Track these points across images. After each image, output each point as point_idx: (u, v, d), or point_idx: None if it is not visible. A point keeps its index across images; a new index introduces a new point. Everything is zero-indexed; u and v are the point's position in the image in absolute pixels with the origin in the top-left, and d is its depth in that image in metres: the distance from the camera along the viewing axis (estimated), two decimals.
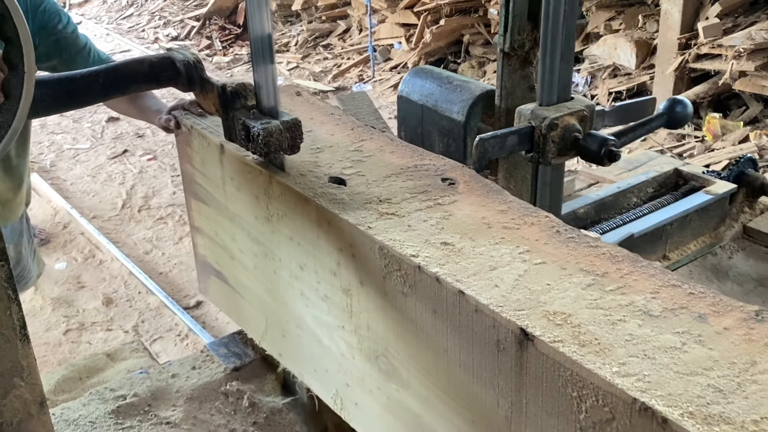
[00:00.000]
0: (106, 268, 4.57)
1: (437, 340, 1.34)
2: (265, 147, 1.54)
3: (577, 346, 1.10)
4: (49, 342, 3.90)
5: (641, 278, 1.25)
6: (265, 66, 1.56)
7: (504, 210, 1.49)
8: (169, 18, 9.97)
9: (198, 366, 2.16)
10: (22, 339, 1.19)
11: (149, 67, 1.64)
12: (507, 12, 1.74)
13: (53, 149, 6.48)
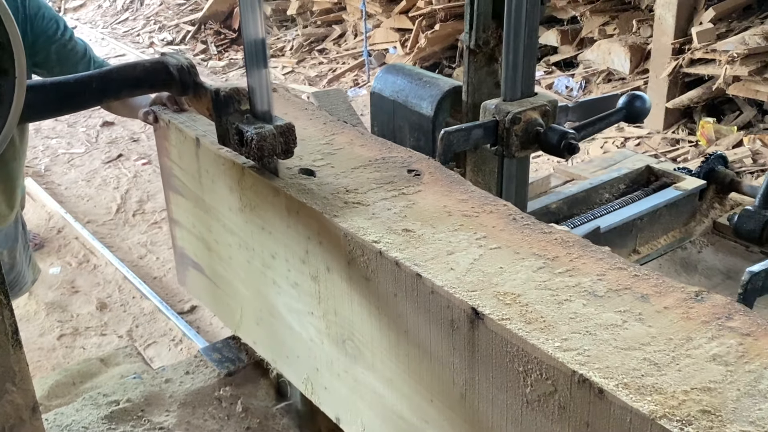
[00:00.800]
0: (101, 273, 4.57)
1: (398, 322, 1.39)
2: (258, 151, 1.53)
3: (523, 323, 1.16)
4: (42, 347, 3.90)
5: (589, 262, 1.31)
6: (258, 70, 1.56)
7: (465, 199, 1.55)
8: (164, 22, 9.98)
9: (191, 371, 2.17)
10: (15, 344, 1.19)
11: (143, 71, 1.64)
12: (472, 10, 1.81)
13: (48, 153, 6.48)
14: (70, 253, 4.80)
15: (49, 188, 5.75)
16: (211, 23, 9.59)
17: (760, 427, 0.95)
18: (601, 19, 6.63)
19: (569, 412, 1.09)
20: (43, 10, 2.65)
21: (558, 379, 1.09)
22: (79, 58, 2.65)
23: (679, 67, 5.70)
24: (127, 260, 4.62)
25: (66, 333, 4.02)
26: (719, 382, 1.03)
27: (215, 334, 3.85)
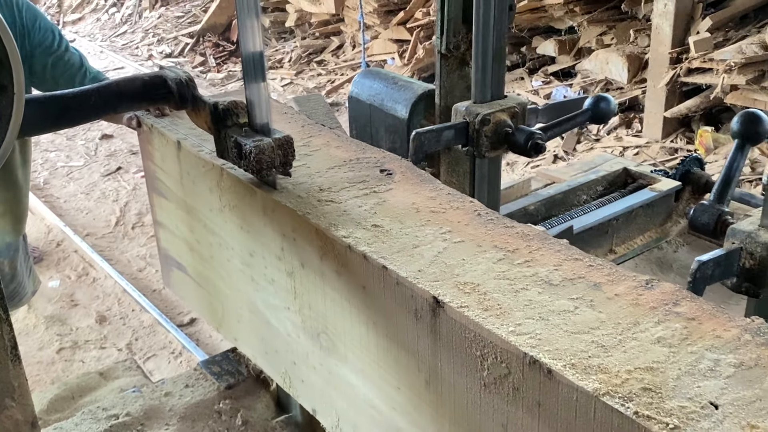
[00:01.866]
0: (100, 286, 4.56)
1: (367, 314, 1.45)
2: (257, 164, 1.53)
3: (481, 310, 1.22)
4: (42, 361, 3.90)
5: (547, 253, 1.37)
6: (257, 83, 1.56)
7: (433, 196, 1.61)
8: (163, 35, 10.03)
9: (191, 384, 2.18)
10: (14, 359, 1.19)
11: (141, 85, 1.64)
12: (443, 15, 1.88)
13: (47, 167, 6.49)
14: (70, 266, 4.80)
15: (48, 201, 5.76)
16: (210, 35, 9.64)
17: (697, 403, 1.01)
18: (598, 29, 6.66)
19: (522, 392, 1.15)
20: (40, 20, 2.70)
21: (511, 362, 1.15)
22: (75, 70, 2.69)
23: (677, 76, 5.72)
24: (126, 273, 4.62)
25: (65, 346, 4.02)
26: (662, 362, 1.09)
27: (215, 346, 3.85)
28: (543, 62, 7.12)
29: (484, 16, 1.77)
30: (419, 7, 7.48)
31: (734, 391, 1.03)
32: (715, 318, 1.18)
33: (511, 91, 6.65)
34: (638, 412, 1.00)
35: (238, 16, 1.51)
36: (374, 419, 1.55)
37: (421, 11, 7.44)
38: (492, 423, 1.23)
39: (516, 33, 6.92)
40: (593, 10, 6.73)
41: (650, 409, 1.00)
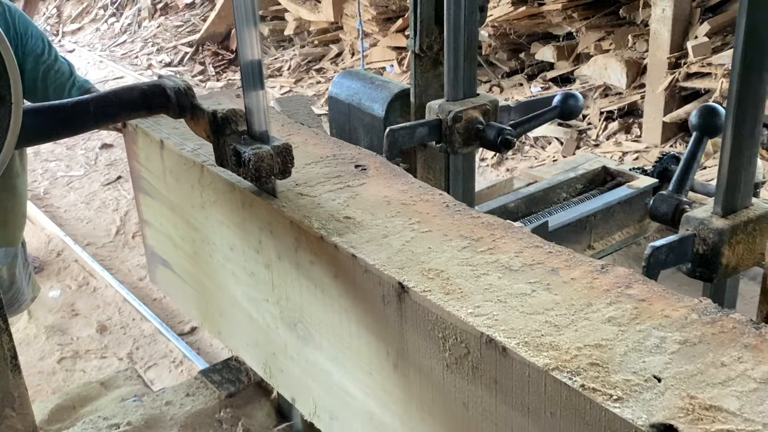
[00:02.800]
0: (100, 296, 4.57)
1: (339, 302, 1.51)
2: (256, 172, 1.53)
3: (442, 294, 1.28)
4: (43, 371, 3.90)
5: (510, 241, 1.43)
6: (255, 91, 1.56)
7: (405, 190, 1.67)
8: (162, 44, 10.06)
9: (192, 393, 2.18)
10: (14, 369, 1.19)
11: (140, 94, 1.64)
12: (416, 17, 1.94)
13: (47, 177, 6.49)
14: (70, 276, 4.80)
15: (48, 211, 5.75)
16: (209, 44, 9.66)
17: (641, 376, 1.07)
18: (596, 35, 6.68)
19: (480, 371, 1.21)
20: (31, 28, 2.75)
21: (470, 342, 1.21)
22: (65, 79, 2.73)
23: (676, 81, 5.74)
24: (126, 282, 4.62)
25: (66, 356, 4.02)
26: (611, 340, 1.15)
27: (216, 355, 3.86)
28: (542, 68, 7.15)
29: (454, 17, 1.84)
30: None
31: (677, 366, 1.09)
32: (664, 299, 1.24)
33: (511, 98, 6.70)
34: (584, 385, 1.06)
35: (236, 25, 1.52)
36: (349, 405, 1.60)
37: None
38: (454, 402, 1.29)
39: (514, 39, 6.97)
40: (591, 16, 6.75)
41: (596, 383, 1.06)
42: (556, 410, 1.10)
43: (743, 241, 1.46)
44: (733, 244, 1.45)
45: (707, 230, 1.45)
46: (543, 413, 1.12)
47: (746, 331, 1.15)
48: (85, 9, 11.54)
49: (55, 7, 11.60)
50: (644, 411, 1.01)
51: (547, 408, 1.11)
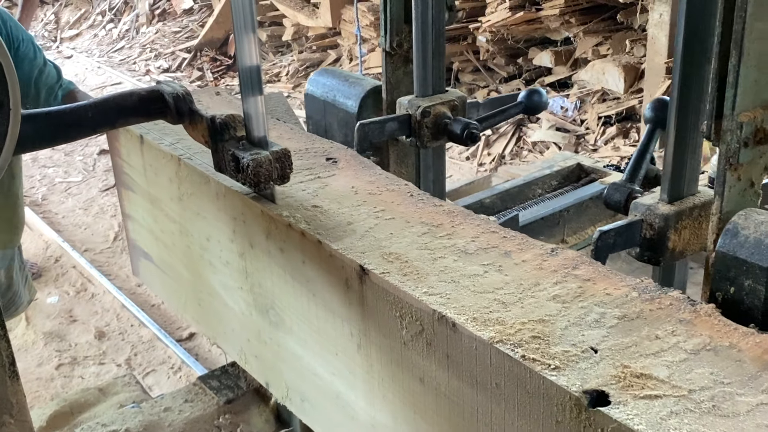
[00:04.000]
0: (99, 302, 4.55)
1: (307, 287, 1.58)
2: (254, 177, 1.54)
3: (400, 276, 1.35)
4: (41, 377, 3.89)
5: (468, 227, 1.51)
6: (254, 97, 1.57)
7: (372, 181, 1.74)
8: (160, 50, 10.05)
9: (191, 399, 2.19)
10: (11, 376, 1.19)
11: (138, 100, 1.64)
12: (386, 16, 2.02)
13: (45, 183, 6.45)
14: (68, 282, 4.78)
15: (46, 217, 5.72)
16: (207, 50, 9.64)
17: (579, 348, 1.14)
18: (594, 40, 6.67)
19: (434, 346, 1.28)
20: (22, 33, 2.79)
21: (424, 319, 1.28)
22: (54, 81, 2.77)
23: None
24: (125, 288, 4.60)
25: (64, 362, 4.01)
26: (554, 315, 1.22)
27: (214, 361, 3.84)
28: (539, 73, 7.13)
29: (422, 16, 1.92)
30: None
31: (614, 339, 1.16)
32: (608, 279, 1.31)
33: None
34: (525, 355, 1.13)
35: (235, 30, 1.52)
36: (318, 386, 1.67)
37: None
38: (411, 378, 1.36)
39: (512, 44, 6.99)
40: (589, 21, 6.74)
41: (536, 354, 1.13)
42: (501, 380, 1.17)
43: (689, 226, 1.54)
44: (678, 229, 1.52)
45: (654, 216, 1.52)
46: (489, 384, 1.19)
47: (682, 308, 1.23)
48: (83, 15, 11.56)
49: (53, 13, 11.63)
50: (579, 378, 1.08)
51: (493, 379, 1.18)
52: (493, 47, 7.02)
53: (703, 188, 1.57)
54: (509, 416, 1.17)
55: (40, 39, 10.85)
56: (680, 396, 1.04)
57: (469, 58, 7.37)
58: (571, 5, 6.70)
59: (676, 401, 1.03)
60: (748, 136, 1.31)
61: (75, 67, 9.82)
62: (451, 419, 1.29)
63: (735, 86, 1.28)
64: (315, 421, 1.76)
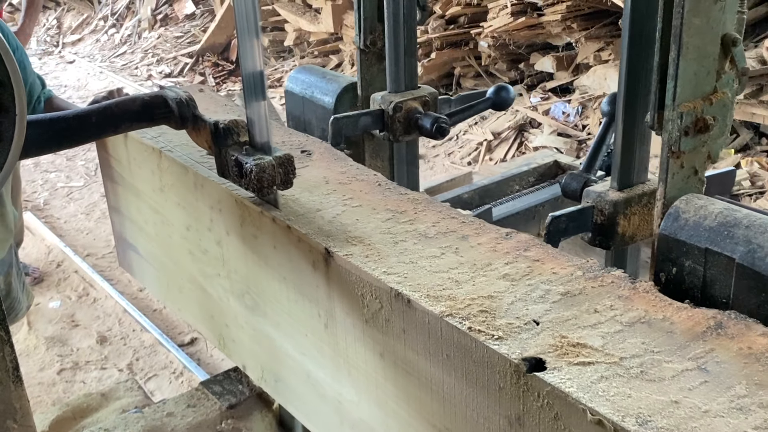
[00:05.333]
0: (100, 306, 4.55)
1: (279, 271, 1.66)
2: (258, 183, 1.54)
3: (362, 257, 1.43)
4: (43, 382, 3.89)
5: (430, 213, 1.59)
6: (257, 102, 1.57)
7: (343, 171, 1.83)
8: (162, 55, 10.05)
9: (193, 404, 2.19)
10: (15, 381, 1.19)
11: (142, 105, 1.64)
12: (359, 15, 2.10)
13: (47, 188, 6.44)
14: (70, 287, 4.78)
15: (48, 222, 5.71)
16: (209, 55, 9.64)
17: (523, 321, 1.22)
18: (596, 45, 6.66)
19: (393, 323, 1.36)
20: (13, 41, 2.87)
21: (382, 297, 1.36)
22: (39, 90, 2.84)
23: None
24: (126, 293, 4.61)
25: (66, 367, 4.00)
26: (502, 292, 1.30)
27: (216, 366, 3.85)
28: (541, 78, 7.11)
29: (394, 15, 2.00)
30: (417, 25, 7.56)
31: (556, 312, 1.24)
32: (556, 259, 1.40)
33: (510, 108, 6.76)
34: (471, 327, 1.21)
35: (238, 35, 1.53)
36: (290, 367, 1.75)
37: (419, 29, 7.47)
38: (372, 354, 1.44)
39: (514, 50, 7.00)
40: (590, 27, 6.68)
41: (482, 326, 1.21)
42: (450, 351, 1.25)
43: (638, 212, 1.62)
44: (628, 215, 1.61)
45: (604, 202, 1.60)
46: (441, 355, 1.27)
47: (623, 285, 1.31)
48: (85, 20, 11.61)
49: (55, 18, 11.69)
50: (519, 347, 1.16)
51: (444, 350, 1.26)
52: (494, 52, 7.01)
53: (654, 177, 1.65)
54: (458, 385, 1.25)
55: (43, 44, 10.89)
56: (611, 363, 1.12)
57: (470, 63, 7.36)
58: (572, 11, 6.70)
59: (607, 367, 1.11)
60: (688, 125, 1.39)
61: (77, 72, 9.83)
62: (408, 390, 1.37)
63: (675, 78, 1.36)
64: (288, 400, 1.84)
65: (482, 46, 7.02)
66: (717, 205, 1.38)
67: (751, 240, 1.30)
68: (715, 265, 1.33)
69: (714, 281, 1.34)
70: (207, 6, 10.52)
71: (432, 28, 7.22)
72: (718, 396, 1.05)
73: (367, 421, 1.53)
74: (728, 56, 1.45)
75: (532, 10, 6.70)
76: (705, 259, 1.34)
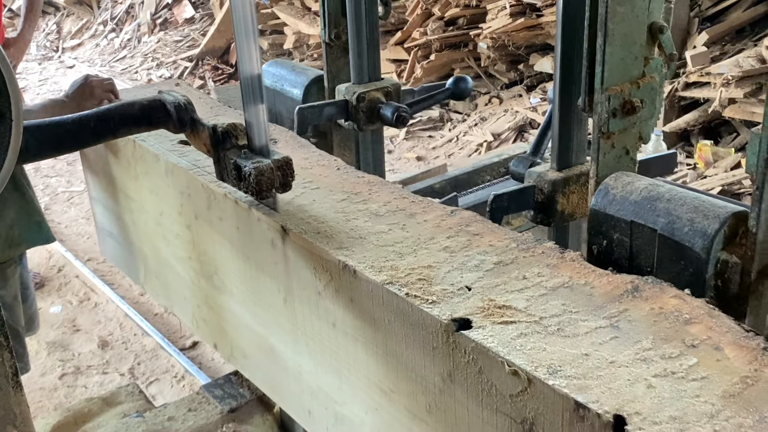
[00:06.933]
0: (102, 311, 4.53)
1: (243, 251, 1.76)
2: (256, 186, 1.54)
3: (315, 234, 1.53)
4: (44, 387, 3.87)
5: (383, 194, 1.69)
6: (255, 106, 1.58)
7: (306, 158, 1.93)
8: (162, 59, 10.03)
9: (194, 408, 2.22)
10: (15, 386, 1.19)
11: (140, 110, 1.64)
12: (324, 10, 2.21)
13: (47, 192, 6.38)
14: (71, 292, 4.75)
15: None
16: (209, 59, 9.63)
17: (456, 287, 1.33)
18: None
19: (341, 293, 1.46)
20: None
21: (332, 269, 1.46)
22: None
23: (675, 90, 5.64)
24: (128, 297, 4.58)
25: (68, 372, 3.98)
26: (441, 262, 1.40)
27: (217, 369, 3.84)
28: (540, 79, 7.05)
29: (356, 10, 2.11)
30: (416, 27, 7.41)
31: (487, 280, 1.34)
32: (494, 233, 1.50)
33: (510, 109, 6.79)
34: (409, 293, 1.31)
35: (236, 39, 1.54)
36: (255, 342, 1.85)
37: (418, 31, 7.32)
38: (326, 324, 1.54)
39: (513, 51, 7.01)
40: None
41: (418, 291, 1.31)
42: (391, 317, 1.35)
43: (576, 191, 1.72)
44: (566, 194, 1.71)
45: (543, 182, 1.70)
46: (383, 321, 1.37)
47: (552, 255, 1.41)
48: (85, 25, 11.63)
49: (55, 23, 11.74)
50: (449, 309, 1.26)
51: (385, 316, 1.36)
52: (494, 54, 7.00)
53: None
54: (399, 347, 1.35)
55: (42, 49, 10.92)
56: (532, 322, 1.22)
57: (470, 64, 7.36)
58: None
59: (527, 326, 1.21)
60: (616, 107, 1.49)
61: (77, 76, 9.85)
62: (358, 356, 1.48)
63: (603, 64, 1.46)
64: (255, 375, 1.94)
65: (481, 47, 7.00)
66: (643, 182, 1.48)
67: (671, 212, 1.40)
68: (639, 237, 1.44)
69: (639, 252, 1.45)
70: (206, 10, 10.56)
71: (431, 30, 7.22)
72: (625, 349, 1.15)
73: (324, 389, 1.63)
74: (656, 43, 1.55)
75: (531, 11, 6.70)
76: (631, 231, 1.45)
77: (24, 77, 9.44)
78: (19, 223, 2.34)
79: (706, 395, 1.05)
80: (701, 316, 1.21)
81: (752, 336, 1.16)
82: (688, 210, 1.38)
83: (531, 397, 1.12)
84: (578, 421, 1.05)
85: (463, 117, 6.88)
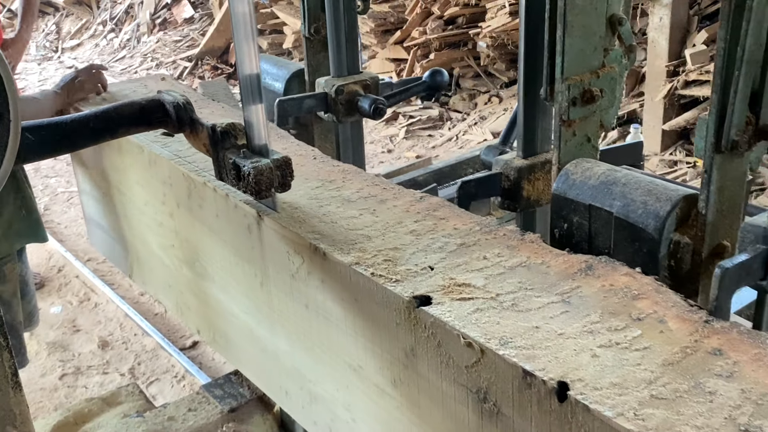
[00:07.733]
0: (102, 311, 4.55)
1: (221, 237, 1.83)
2: (255, 186, 1.54)
3: (289, 219, 1.60)
4: (45, 387, 3.90)
5: (356, 182, 1.75)
6: (254, 105, 1.59)
7: (285, 148, 1.99)
8: (162, 59, 10.05)
9: (194, 408, 2.24)
10: (14, 386, 1.20)
11: (139, 110, 1.64)
12: (304, 4, 2.27)
13: (47, 193, 6.41)
14: (71, 292, 4.78)
15: (48, 227, 5.55)
16: (208, 59, 9.64)
17: (420, 267, 1.39)
18: None
19: (313, 275, 1.53)
20: None
21: (304, 252, 1.53)
22: None
23: (674, 89, 5.67)
24: (128, 297, 4.62)
25: (68, 372, 4.01)
26: (407, 244, 1.47)
27: (218, 369, 3.87)
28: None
29: (334, 5, 2.17)
30: (416, 27, 7.42)
31: (450, 260, 1.41)
32: (460, 218, 1.56)
33: (509, 107, 6.82)
34: (374, 273, 1.38)
35: (235, 39, 1.54)
36: (236, 327, 1.92)
37: (418, 30, 7.36)
38: (299, 305, 1.60)
39: (512, 49, 6.95)
40: None
41: (384, 272, 1.38)
42: (359, 296, 1.41)
43: (542, 178, 1.79)
44: (532, 180, 1.77)
45: (509, 169, 1.77)
46: (352, 300, 1.44)
47: (513, 237, 1.48)
48: (84, 25, 11.66)
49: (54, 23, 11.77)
50: (412, 288, 1.33)
51: (353, 295, 1.43)
52: (493, 52, 7.02)
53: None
54: (366, 325, 1.42)
55: (42, 49, 10.94)
56: (488, 298, 1.29)
57: (469, 63, 7.40)
58: None
59: (484, 302, 1.28)
60: (576, 96, 1.56)
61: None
62: (330, 336, 1.54)
63: (562, 54, 1.53)
64: (236, 358, 2.01)
65: (481, 46, 7.01)
66: (601, 167, 1.55)
67: (626, 195, 1.47)
68: (597, 219, 1.50)
69: (598, 234, 1.51)
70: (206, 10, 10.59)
71: (430, 29, 7.23)
72: (574, 322, 1.22)
73: (299, 369, 1.70)
74: (615, 34, 1.61)
75: None
76: (589, 214, 1.51)
77: (23, 78, 9.48)
78: (17, 220, 2.41)
79: (647, 364, 1.12)
80: (649, 292, 1.28)
81: (696, 310, 1.23)
82: (642, 193, 1.45)
83: (484, 367, 1.18)
84: (526, 388, 1.12)
85: (463, 116, 6.94)
